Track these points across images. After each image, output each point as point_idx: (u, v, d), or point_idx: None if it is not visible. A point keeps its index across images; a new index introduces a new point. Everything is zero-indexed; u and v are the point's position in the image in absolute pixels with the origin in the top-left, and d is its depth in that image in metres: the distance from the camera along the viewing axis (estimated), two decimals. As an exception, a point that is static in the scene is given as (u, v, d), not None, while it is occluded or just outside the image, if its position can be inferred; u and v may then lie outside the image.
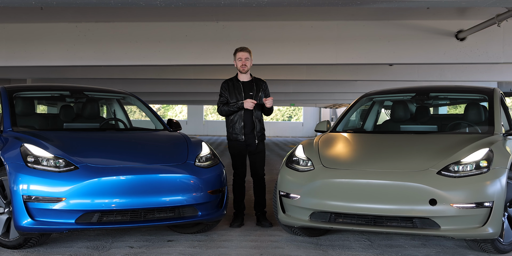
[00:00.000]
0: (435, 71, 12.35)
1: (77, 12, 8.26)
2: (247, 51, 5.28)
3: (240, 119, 5.24)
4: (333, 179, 4.14)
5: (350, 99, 22.21)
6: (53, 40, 8.79)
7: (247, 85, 5.31)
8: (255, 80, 5.37)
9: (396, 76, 12.70)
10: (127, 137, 5.15)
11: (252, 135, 5.26)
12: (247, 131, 5.25)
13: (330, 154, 4.46)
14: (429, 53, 8.69)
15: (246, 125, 5.24)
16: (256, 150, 5.30)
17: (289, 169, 4.47)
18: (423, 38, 8.60)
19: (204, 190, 4.45)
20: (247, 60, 5.26)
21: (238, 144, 5.29)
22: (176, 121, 5.53)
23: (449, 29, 8.54)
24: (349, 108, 5.37)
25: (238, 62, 5.27)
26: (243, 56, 5.25)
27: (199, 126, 36.05)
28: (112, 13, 8.32)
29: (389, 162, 4.20)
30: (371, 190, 3.98)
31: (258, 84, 5.35)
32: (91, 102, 5.56)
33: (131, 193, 4.18)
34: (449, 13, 8.16)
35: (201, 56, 8.87)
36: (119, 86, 13.82)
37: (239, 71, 5.31)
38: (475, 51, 8.62)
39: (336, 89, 17.17)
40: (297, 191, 4.28)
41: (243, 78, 5.34)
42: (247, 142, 5.26)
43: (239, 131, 5.25)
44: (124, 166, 4.34)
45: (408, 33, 8.59)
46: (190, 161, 4.56)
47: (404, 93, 5.46)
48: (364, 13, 8.25)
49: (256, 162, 5.34)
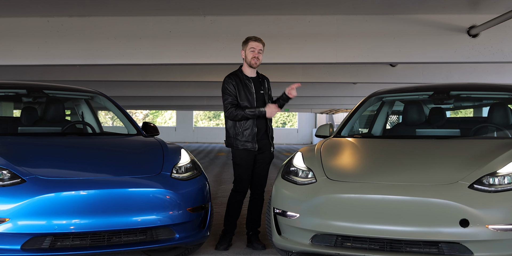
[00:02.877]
0: (442, 72, 11.77)
1: (49, 5, 7.62)
2: (262, 43, 4.52)
3: (253, 124, 4.47)
4: (339, 194, 3.46)
5: (348, 103, 21.66)
6: (22, 36, 8.11)
7: (257, 83, 4.58)
8: (261, 76, 4.66)
9: (399, 78, 12.11)
10: (92, 143, 4.44)
11: (266, 140, 4.55)
12: (261, 136, 4.52)
13: (335, 164, 3.78)
14: (438, 51, 8.10)
15: (260, 131, 4.51)
16: (267, 158, 4.59)
17: (285, 181, 3.79)
18: (431, 34, 8.01)
19: (182, 207, 3.76)
20: (260, 52, 4.50)
21: (247, 154, 4.51)
22: (153, 125, 4.85)
23: (461, 25, 7.96)
24: (355, 109, 4.71)
25: (249, 53, 4.48)
26: (257, 46, 4.47)
27: (189, 133, 35.56)
28: (88, 7, 7.70)
29: (408, 173, 3.52)
30: (387, 208, 3.31)
31: (264, 81, 4.65)
32: (53, 102, 4.88)
33: (92, 212, 3.50)
34: (461, 6, 7.58)
35: (187, 54, 8.24)
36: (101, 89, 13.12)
37: (249, 65, 4.52)
38: (489, 49, 8.03)
39: (334, 93, 16.58)
40: (296, 208, 3.60)
41: (249, 73, 4.58)
42: (261, 150, 4.52)
43: (251, 138, 4.47)
44: (84, 178, 3.66)
45: (416, 29, 8.00)
46: (165, 172, 3.87)
47: (419, 92, 4.79)
48: (367, 7, 7.66)
49: (261, 173, 4.60)
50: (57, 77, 12.03)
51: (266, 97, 4.59)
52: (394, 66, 12.03)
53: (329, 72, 11.99)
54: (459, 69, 11.68)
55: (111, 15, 8.01)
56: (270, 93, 4.70)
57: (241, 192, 4.62)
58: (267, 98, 4.60)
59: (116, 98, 20.17)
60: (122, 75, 12.19)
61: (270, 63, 8.76)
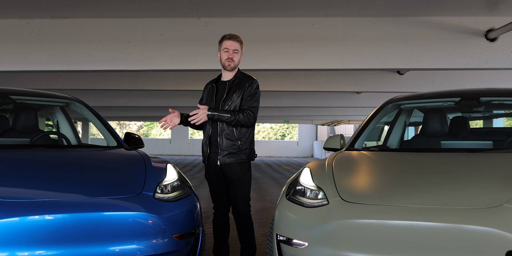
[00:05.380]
0: (453, 81, 11.31)
1: (28, 6, 7.16)
2: (238, 41, 4.00)
3: (206, 134, 4.05)
4: (357, 220, 2.92)
5: (351, 114, 21.19)
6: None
7: (223, 87, 4.05)
8: (238, 77, 4.05)
9: (407, 87, 11.64)
10: (64, 157, 3.88)
11: (215, 154, 3.99)
12: (212, 149, 4.01)
13: (351, 182, 3.24)
14: (453, 56, 7.64)
15: (212, 142, 4.01)
16: (229, 177, 4.00)
17: (291, 203, 3.26)
18: (446, 38, 7.56)
19: (168, 234, 3.21)
20: (236, 52, 3.98)
21: (208, 169, 4.11)
22: (137, 136, 4.32)
23: (477, 27, 7.52)
24: (369, 118, 4.18)
25: (223, 53, 3.99)
26: (231, 46, 3.97)
27: (184, 146, 35.16)
28: (71, 7, 7.24)
29: (440, 194, 2.99)
30: (415, 237, 2.77)
31: (241, 83, 4.01)
32: (23, 110, 4.35)
33: (61, 241, 2.95)
34: (478, 7, 7.13)
35: (179, 60, 7.76)
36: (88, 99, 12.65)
37: (223, 67, 4.04)
38: (509, 54, 7.57)
39: (336, 103, 16.11)
40: (304, 235, 3.07)
41: (225, 77, 4.08)
42: (214, 166, 4.02)
43: (204, 150, 4.05)
44: (51, 200, 3.11)
45: (428, 32, 7.55)
46: (147, 192, 3.32)
47: (443, 98, 4.27)
48: (376, 8, 7.22)
49: (232, 194, 4.04)
50: (42, 85, 11.53)
51: (223, 105, 3.97)
52: (402, 74, 11.59)
53: (332, 80, 11.51)
54: (472, 77, 11.22)
55: (97, 17, 7.55)
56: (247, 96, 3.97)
57: (219, 210, 4.16)
58: (229, 103, 3.96)
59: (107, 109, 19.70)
60: (112, 83, 11.71)
61: (270, 69, 8.29)
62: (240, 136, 3.99)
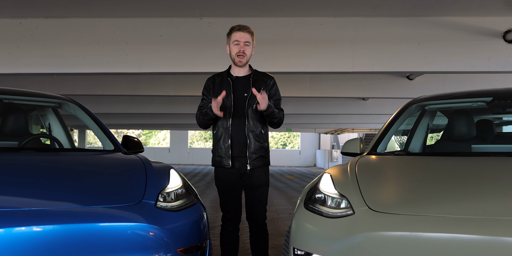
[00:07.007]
0: (464, 86, 11.03)
1: (21, 5, 6.89)
2: (249, 32, 3.68)
3: (226, 133, 3.67)
4: (387, 232, 2.61)
5: (355, 122, 20.90)
6: (-10, 40, 7.38)
7: (241, 82, 3.74)
8: (256, 74, 3.78)
9: (416, 92, 11.34)
10: (57, 162, 3.56)
11: (243, 158, 3.67)
12: (236, 152, 3.67)
13: (378, 189, 2.93)
14: (470, 59, 7.36)
15: (235, 143, 3.66)
16: (253, 182, 3.71)
17: (309, 212, 2.94)
18: (462, 39, 7.30)
19: (171, 248, 2.90)
20: (247, 45, 3.67)
21: (226, 173, 3.73)
22: (137, 139, 4.02)
23: (495, 28, 7.25)
24: (392, 119, 3.87)
25: (233, 47, 3.67)
26: (242, 38, 3.64)
27: (183, 154, 34.97)
28: (66, 7, 6.98)
29: (481, 202, 2.67)
30: (455, 252, 2.47)
31: (260, 79, 3.73)
32: (13, 111, 4.06)
33: (53, 254, 2.67)
34: (496, 7, 6.86)
35: (180, 62, 7.48)
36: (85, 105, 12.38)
37: (234, 62, 3.74)
38: (528, 57, 7.30)
39: (341, 110, 15.83)
40: (325, 250, 2.75)
41: (237, 72, 3.77)
42: (239, 170, 3.71)
43: (224, 152, 3.68)
44: (39, 209, 2.80)
45: (443, 33, 7.28)
46: (148, 200, 3.00)
47: (473, 98, 3.96)
48: (388, 7, 6.97)
49: (253, 200, 3.74)
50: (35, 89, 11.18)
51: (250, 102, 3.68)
52: (412, 79, 11.34)
53: (339, 85, 11.24)
54: (485, 82, 10.95)
55: (93, 17, 7.29)
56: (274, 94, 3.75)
57: (231, 221, 3.79)
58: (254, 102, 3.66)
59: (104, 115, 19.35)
60: (109, 88, 11.43)
61: (276, 72, 7.99)
62: (266, 137, 3.75)
